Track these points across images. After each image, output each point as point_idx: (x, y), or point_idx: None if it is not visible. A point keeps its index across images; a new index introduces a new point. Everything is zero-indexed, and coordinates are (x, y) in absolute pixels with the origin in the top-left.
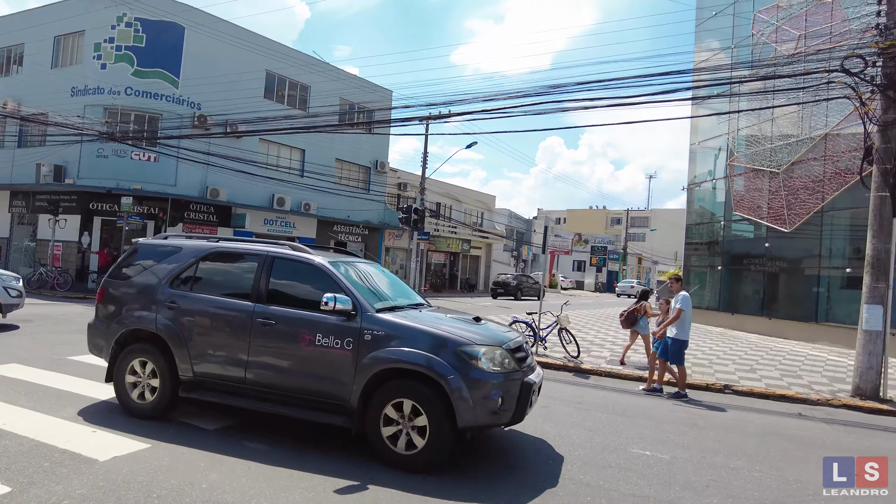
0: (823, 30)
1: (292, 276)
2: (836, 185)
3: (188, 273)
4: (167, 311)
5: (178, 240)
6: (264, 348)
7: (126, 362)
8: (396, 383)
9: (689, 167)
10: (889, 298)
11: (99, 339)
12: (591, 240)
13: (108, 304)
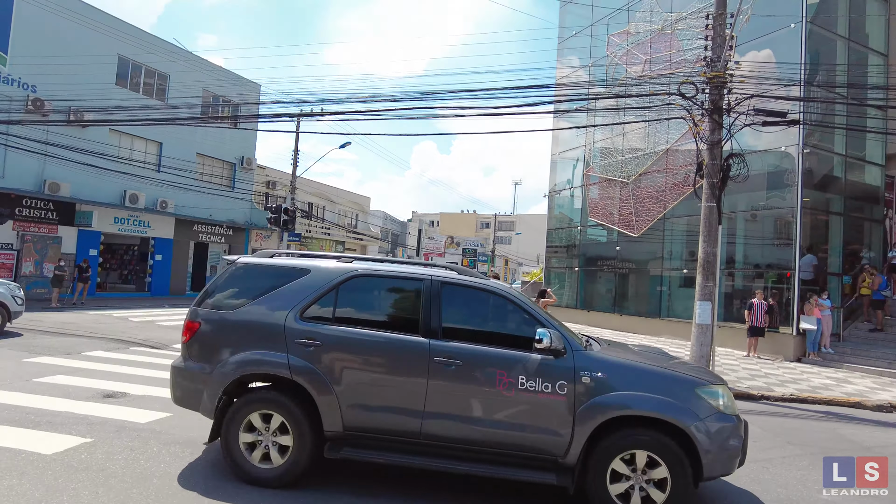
0: (664, 57)
1: (468, 306)
2: (675, 195)
3: (326, 301)
4: (303, 350)
5: (299, 259)
6: (448, 394)
7: (241, 416)
8: (627, 433)
9: (550, 175)
10: (716, 295)
11: (196, 386)
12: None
13: (209, 342)
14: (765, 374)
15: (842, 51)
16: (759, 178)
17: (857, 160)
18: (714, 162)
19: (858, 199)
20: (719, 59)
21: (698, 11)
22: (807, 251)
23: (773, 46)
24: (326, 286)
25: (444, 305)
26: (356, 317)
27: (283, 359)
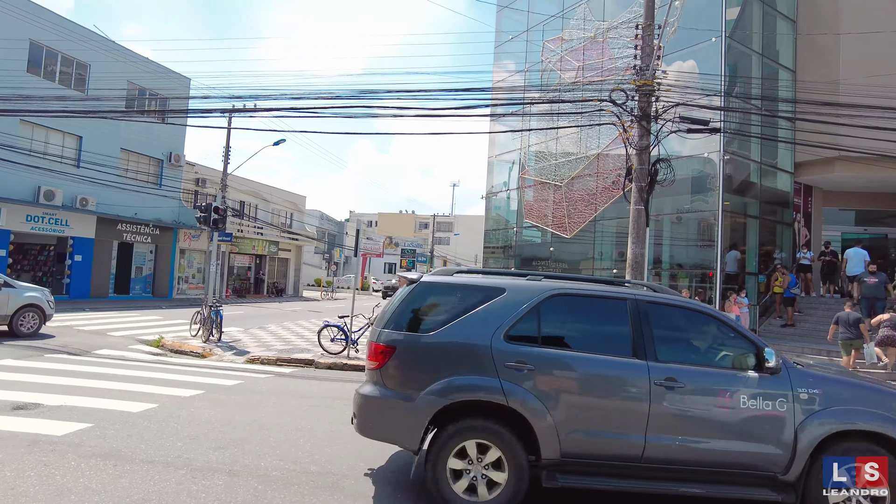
0: (597, 64)
1: (676, 326)
2: (606, 198)
3: (528, 322)
4: (515, 374)
5: (490, 278)
6: (670, 416)
7: (452, 444)
8: (846, 447)
9: (487, 177)
10: None
11: (396, 414)
12: (401, 243)
13: (408, 367)
14: None
15: (756, 65)
16: (685, 182)
17: (770, 167)
18: (642, 167)
19: (772, 203)
20: (648, 67)
21: (628, 21)
22: (726, 252)
23: (697, 58)
24: (527, 306)
25: (652, 325)
26: (561, 337)
27: (495, 384)
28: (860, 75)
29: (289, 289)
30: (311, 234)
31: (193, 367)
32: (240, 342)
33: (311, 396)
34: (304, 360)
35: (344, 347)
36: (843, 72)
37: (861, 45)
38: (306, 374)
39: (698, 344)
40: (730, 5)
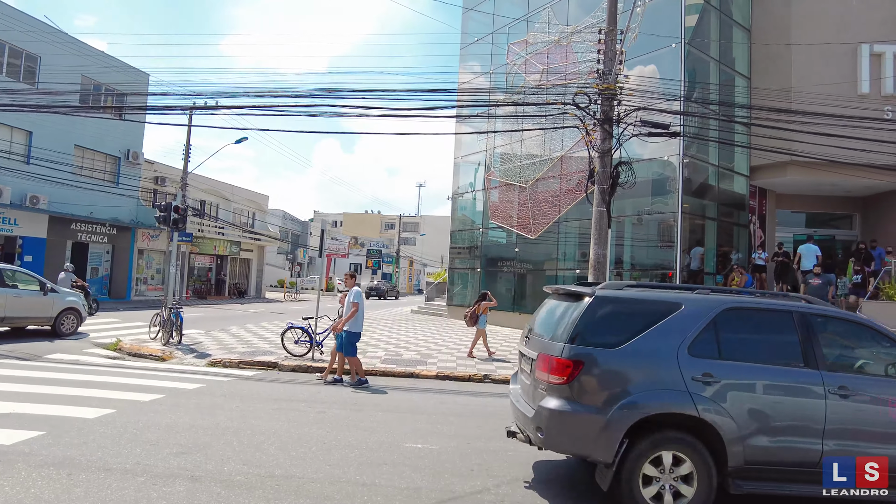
0: (560, 67)
1: (837, 336)
2: (569, 200)
3: (707, 336)
4: (703, 387)
5: (661, 292)
6: (845, 424)
7: (647, 456)
8: None
9: (453, 178)
10: None
11: (590, 429)
12: (366, 243)
13: (597, 381)
14: None
15: (714, 71)
16: (645, 184)
17: (727, 170)
18: (605, 169)
19: (728, 205)
20: (610, 72)
21: (592, 26)
22: (685, 252)
23: (658, 63)
24: (705, 320)
25: (819, 336)
26: (738, 349)
27: (686, 397)
28: (810, 83)
29: (251, 290)
30: (274, 235)
31: (153, 371)
32: (201, 345)
33: (275, 399)
34: (267, 362)
35: (308, 349)
36: (795, 80)
37: (811, 54)
38: (270, 377)
39: (860, 353)
40: (689, 13)
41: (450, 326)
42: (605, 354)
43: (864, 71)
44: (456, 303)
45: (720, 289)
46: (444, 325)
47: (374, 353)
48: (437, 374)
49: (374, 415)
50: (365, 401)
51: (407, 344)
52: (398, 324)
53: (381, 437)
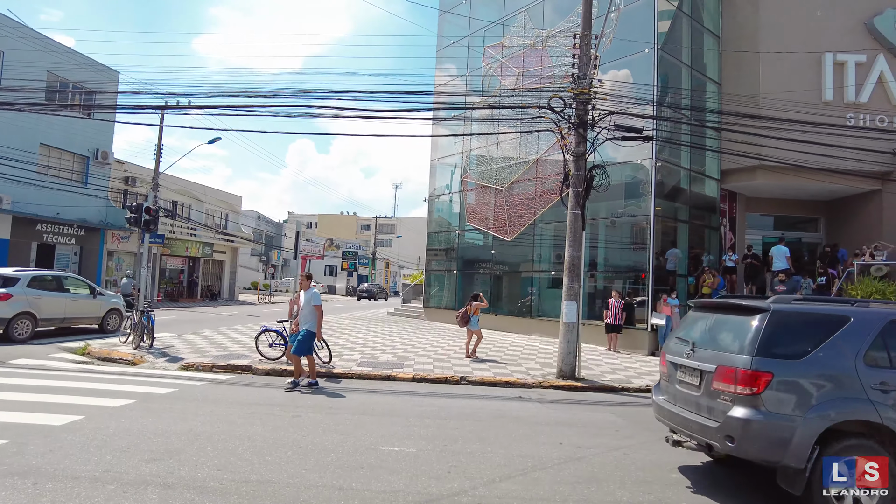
0: (536, 71)
1: None
2: (544, 203)
3: (877, 346)
4: (880, 395)
5: (829, 305)
6: None
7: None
8: None
9: (429, 180)
10: (581, 296)
11: (781, 436)
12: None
13: (787, 391)
14: (624, 368)
15: (686, 77)
16: (619, 187)
17: (698, 174)
18: (579, 173)
19: (700, 208)
20: (585, 76)
21: (567, 31)
22: (658, 255)
23: (631, 68)
24: (874, 332)
25: None
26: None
27: (868, 405)
28: (778, 90)
29: (224, 292)
30: (248, 236)
31: (123, 376)
32: (173, 348)
33: (250, 404)
34: (241, 366)
35: (283, 353)
36: (763, 86)
37: (778, 62)
38: (244, 381)
39: None
40: (661, 18)
41: (426, 328)
42: (791, 366)
43: (828, 79)
44: (432, 305)
45: (878, 301)
46: (421, 328)
47: (350, 356)
48: (414, 377)
49: (351, 418)
50: (341, 404)
51: (383, 346)
52: (374, 326)
53: (357, 440)
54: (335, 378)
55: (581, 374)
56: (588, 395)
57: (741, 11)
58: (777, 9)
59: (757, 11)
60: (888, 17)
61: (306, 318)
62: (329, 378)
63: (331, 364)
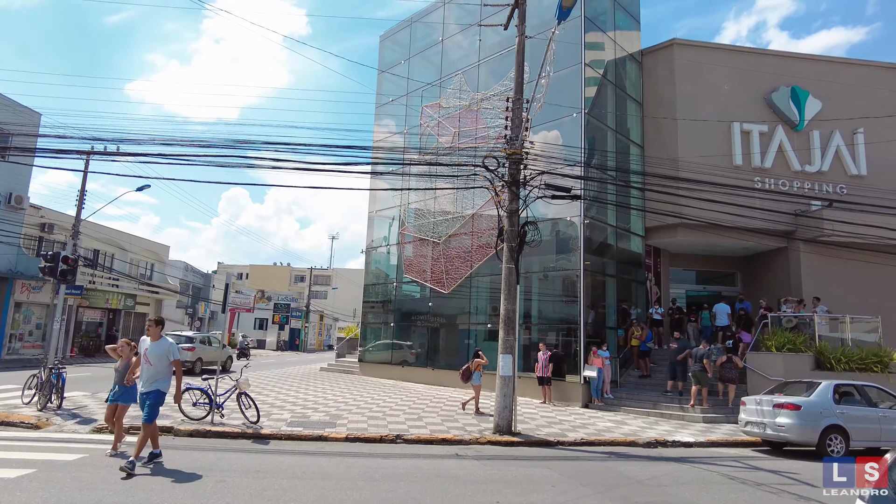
0: (471, 131)
1: None
2: (480, 256)
3: None
4: None
5: None
6: None
7: None
8: None
9: (367, 232)
10: (516, 349)
11: None
12: (274, 297)
13: None
14: (559, 421)
15: (611, 140)
16: (551, 243)
17: (624, 231)
18: (512, 228)
19: (626, 263)
20: (517, 137)
21: (500, 94)
22: (588, 308)
23: (561, 130)
24: None
25: None
26: None
27: None
28: (694, 154)
29: None
30: (174, 287)
31: (24, 441)
32: (85, 408)
33: (169, 468)
34: (161, 427)
35: (207, 412)
36: (681, 150)
37: (694, 129)
38: (164, 444)
39: None
40: (588, 85)
41: (362, 384)
42: None
43: (737, 146)
44: (368, 359)
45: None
46: (356, 383)
47: (279, 416)
48: (348, 436)
49: (279, 482)
50: (270, 467)
51: (315, 404)
52: (306, 383)
53: None
54: (263, 440)
55: (517, 429)
56: (525, 451)
57: (660, 82)
58: (691, 81)
59: (673, 83)
60: (783, 93)
61: (157, 376)
62: (257, 440)
63: (258, 424)
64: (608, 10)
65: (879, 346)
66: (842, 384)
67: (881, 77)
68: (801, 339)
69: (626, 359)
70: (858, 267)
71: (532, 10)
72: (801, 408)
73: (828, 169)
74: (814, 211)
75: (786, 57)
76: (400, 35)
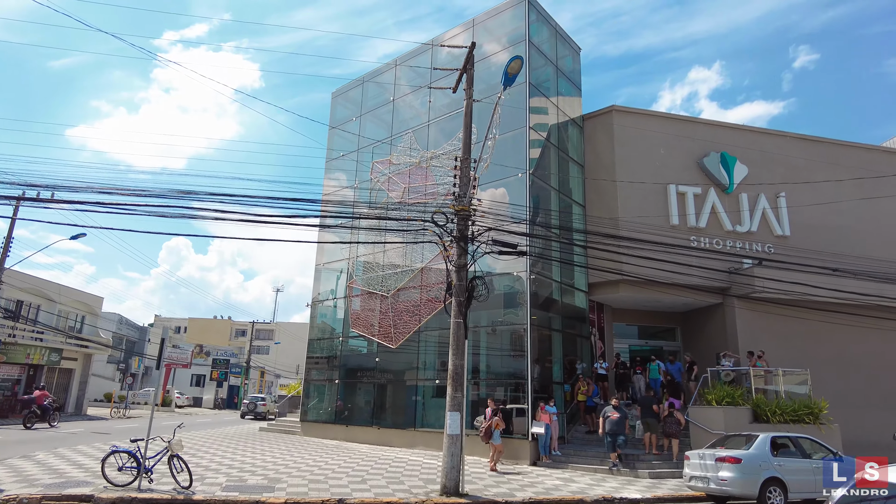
0: (421, 187)
1: None
2: (429, 310)
3: None
4: None
5: None
6: None
7: None
8: None
9: (314, 284)
10: (464, 405)
11: None
12: (213, 352)
13: None
14: (507, 480)
15: (554, 199)
16: (498, 297)
17: (569, 287)
18: (461, 283)
19: (571, 318)
20: (465, 195)
21: (449, 153)
22: (535, 362)
23: (508, 188)
24: None
25: None
26: None
27: None
28: (633, 214)
29: (69, 406)
30: (105, 341)
31: None
32: None
33: None
34: (79, 496)
35: (135, 477)
36: (621, 210)
37: (632, 190)
38: None
39: None
40: (533, 147)
41: (303, 445)
42: None
43: (673, 207)
44: (311, 418)
45: None
46: (297, 444)
47: (213, 479)
48: (287, 501)
49: None
50: None
51: (253, 467)
52: (244, 443)
53: None
54: None
55: (465, 490)
56: None
57: (600, 145)
58: (629, 145)
59: (613, 146)
60: (713, 158)
61: None
62: None
63: (191, 489)
64: (551, 77)
65: (810, 398)
66: (778, 437)
67: (796, 146)
68: (739, 392)
69: (572, 414)
70: (788, 322)
71: (479, 76)
72: (742, 461)
73: (756, 229)
74: (745, 269)
75: (715, 125)
76: (352, 93)
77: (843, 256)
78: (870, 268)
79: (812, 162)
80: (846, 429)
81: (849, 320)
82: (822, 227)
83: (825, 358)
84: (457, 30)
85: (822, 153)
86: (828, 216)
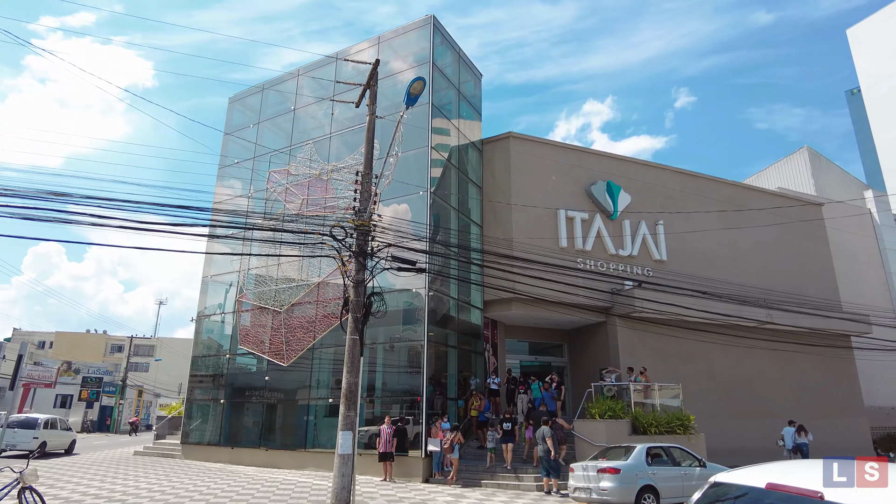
0: (320, 200)
1: None
2: (324, 326)
3: None
4: None
5: None
6: None
7: None
8: None
9: (200, 298)
10: (357, 424)
11: None
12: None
13: None
14: (399, 499)
15: (454, 218)
16: (397, 313)
17: (465, 304)
18: (358, 299)
19: (467, 334)
20: (365, 210)
21: (351, 167)
22: (431, 379)
23: (409, 205)
24: None
25: None
26: None
27: None
28: (526, 236)
29: None
30: None
31: None
32: None
33: None
34: None
35: None
36: (515, 232)
37: (526, 213)
38: None
39: None
40: (434, 166)
41: (184, 470)
42: None
43: (562, 230)
44: (193, 440)
45: None
46: (177, 469)
47: None
48: None
49: None
50: None
51: (124, 497)
52: (114, 470)
53: None
54: None
55: None
56: None
57: (497, 169)
58: (524, 171)
59: (509, 171)
60: (600, 186)
61: None
62: None
63: None
64: (454, 100)
65: (681, 411)
66: (653, 447)
67: (674, 179)
68: (620, 406)
69: (465, 429)
70: (664, 339)
71: (384, 92)
72: (621, 471)
73: (637, 254)
74: (626, 290)
75: (603, 156)
76: (251, 99)
77: (712, 281)
78: (731, 291)
79: (686, 193)
80: (710, 438)
81: (714, 338)
82: (694, 253)
83: (695, 373)
84: (363, 45)
85: (695, 186)
86: (699, 243)
